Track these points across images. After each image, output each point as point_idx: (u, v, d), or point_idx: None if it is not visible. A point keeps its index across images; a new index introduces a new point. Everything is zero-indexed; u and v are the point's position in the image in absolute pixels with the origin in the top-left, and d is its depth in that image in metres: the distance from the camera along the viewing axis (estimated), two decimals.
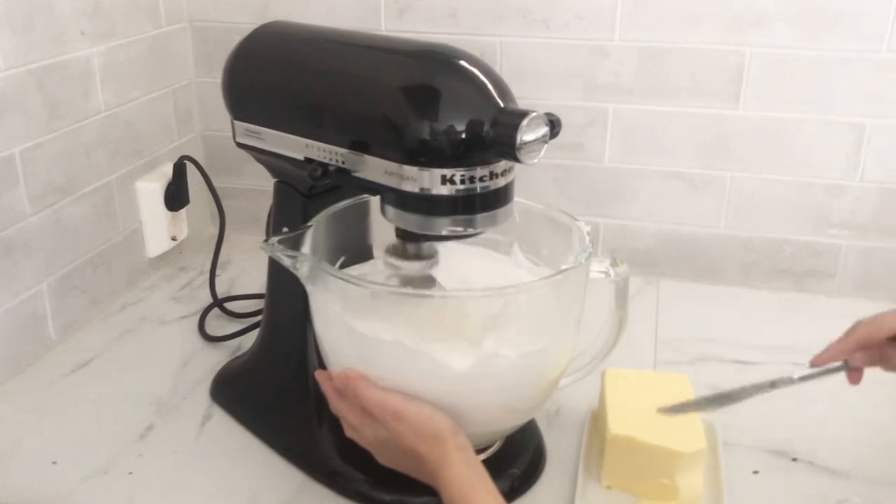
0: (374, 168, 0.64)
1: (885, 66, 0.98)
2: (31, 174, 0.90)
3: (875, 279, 1.08)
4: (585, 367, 0.74)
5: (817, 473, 0.76)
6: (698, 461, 0.70)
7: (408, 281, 0.70)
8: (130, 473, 0.76)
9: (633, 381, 0.78)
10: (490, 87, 0.62)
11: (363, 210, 0.75)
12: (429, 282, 0.69)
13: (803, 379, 0.67)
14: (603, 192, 1.12)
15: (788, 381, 0.67)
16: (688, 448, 0.69)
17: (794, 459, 0.77)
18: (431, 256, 0.69)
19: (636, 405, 0.74)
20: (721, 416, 0.79)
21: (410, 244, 0.68)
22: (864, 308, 1.05)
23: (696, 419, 0.72)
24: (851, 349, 0.67)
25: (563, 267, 0.66)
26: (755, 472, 0.75)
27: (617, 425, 0.71)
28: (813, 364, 0.68)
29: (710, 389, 0.87)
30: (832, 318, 1.04)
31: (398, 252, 0.69)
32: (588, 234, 0.70)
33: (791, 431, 0.70)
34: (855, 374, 0.68)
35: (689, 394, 0.75)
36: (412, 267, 0.69)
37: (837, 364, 0.67)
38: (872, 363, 0.67)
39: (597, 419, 0.80)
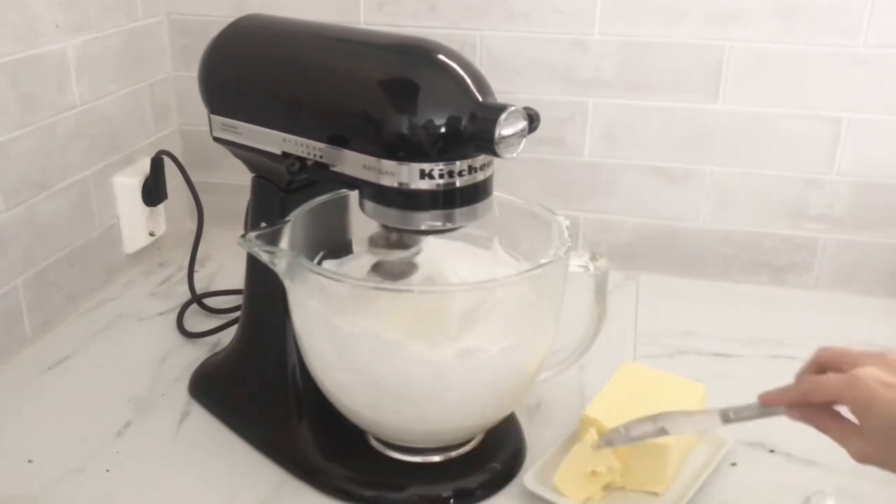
0: (353, 162, 0.63)
1: (862, 61, 0.99)
2: (4, 169, 0.88)
3: (852, 272, 1.08)
4: (565, 361, 0.75)
5: (794, 465, 0.77)
6: (664, 452, 0.69)
7: (390, 267, 0.69)
8: (108, 471, 0.75)
9: (646, 377, 0.77)
10: (469, 81, 0.62)
11: (342, 205, 0.75)
12: (411, 269, 0.69)
13: (739, 418, 0.64)
14: (583, 186, 1.13)
15: (725, 417, 0.64)
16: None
17: (772, 451, 0.78)
18: (415, 245, 0.69)
19: (629, 397, 0.73)
20: None
21: (394, 233, 0.68)
22: (842, 301, 1.07)
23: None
24: (794, 400, 0.61)
25: (542, 261, 0.66)
26: (733, 464, 0.76)
27: (593, 409, 0.71)
28: (762, 401, 0.62)
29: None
30: (810, 310, 1.06)
31: (382, 241, 0.68)
32: (567, 228, 0.70)
33: (768, 423, 0.70)
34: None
35: (701, 403, 0.74)
36: (395, 255, 0.68)
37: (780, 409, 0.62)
38: (807, 421, 0.60)
39: None
